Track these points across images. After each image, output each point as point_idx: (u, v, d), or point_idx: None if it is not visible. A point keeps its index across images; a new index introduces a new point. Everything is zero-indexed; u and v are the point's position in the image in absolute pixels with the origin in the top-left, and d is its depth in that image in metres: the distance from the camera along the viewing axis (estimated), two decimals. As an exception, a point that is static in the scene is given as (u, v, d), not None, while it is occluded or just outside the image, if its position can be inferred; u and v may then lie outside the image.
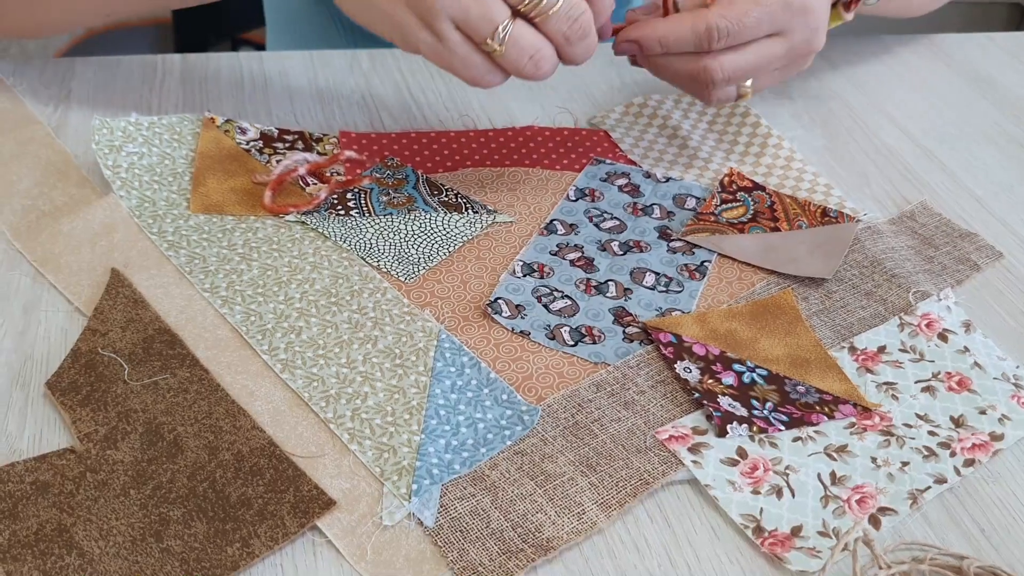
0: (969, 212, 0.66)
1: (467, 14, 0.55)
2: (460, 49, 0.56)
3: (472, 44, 0.56)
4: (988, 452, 0.49)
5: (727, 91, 0.63)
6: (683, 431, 0.49)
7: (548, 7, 0.55)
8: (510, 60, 0.56)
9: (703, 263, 0.60)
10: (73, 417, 0.47)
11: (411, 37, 0.57)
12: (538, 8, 0.55)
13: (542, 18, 0.56)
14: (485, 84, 0.58)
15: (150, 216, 0.59)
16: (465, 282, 0.57)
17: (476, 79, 0.58)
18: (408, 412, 0.49)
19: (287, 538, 0.43)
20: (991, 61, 0.84)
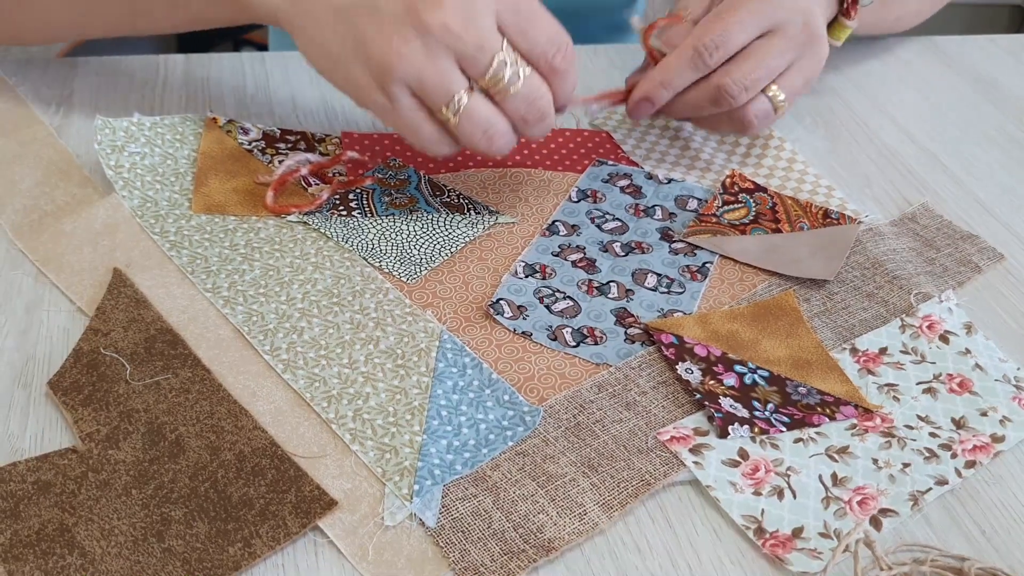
0: (970, 214, 0.66)
1: (423, 81, 0.53)
2: (411, 115, 0.55)
3: (425, 111, 0.55)
4: (989, 454, 0.49)
5: (760, 106, 0.62)
6: (685, 432, 0.49)
7: (508, 86, 0.54)
8: (463, 132, 0.55)
9: (705, 264, 0.60)
10: (75, 417, 0.47)
11: (364, 96, 0.55)
12: (498, 86, 0.54)
13: (501, 96, 0.54)
14: (433, 152, 0.56)
15: (152, 216, 0.59)
16: (467, 283, 0.57)
17: (424, 146, 0.56)
18: (410, 412, 0.49)
19: (289, 538, 0.43)
20: (993, 63, 0.84)
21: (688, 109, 0.64)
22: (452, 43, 0.52)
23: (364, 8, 0.54)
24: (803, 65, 0.64)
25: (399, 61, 0.52)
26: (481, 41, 0.52)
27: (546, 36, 0.55)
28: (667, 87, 0.63)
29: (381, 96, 0.54)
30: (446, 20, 0.52)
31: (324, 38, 0.55)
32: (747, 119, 0.63)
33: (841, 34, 0.69)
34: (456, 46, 0.52)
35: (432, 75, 0.53)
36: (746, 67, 0.61)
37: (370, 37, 0.53)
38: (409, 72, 0.53)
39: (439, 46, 0.52)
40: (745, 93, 0.61)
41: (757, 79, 0.62)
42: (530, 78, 0.54)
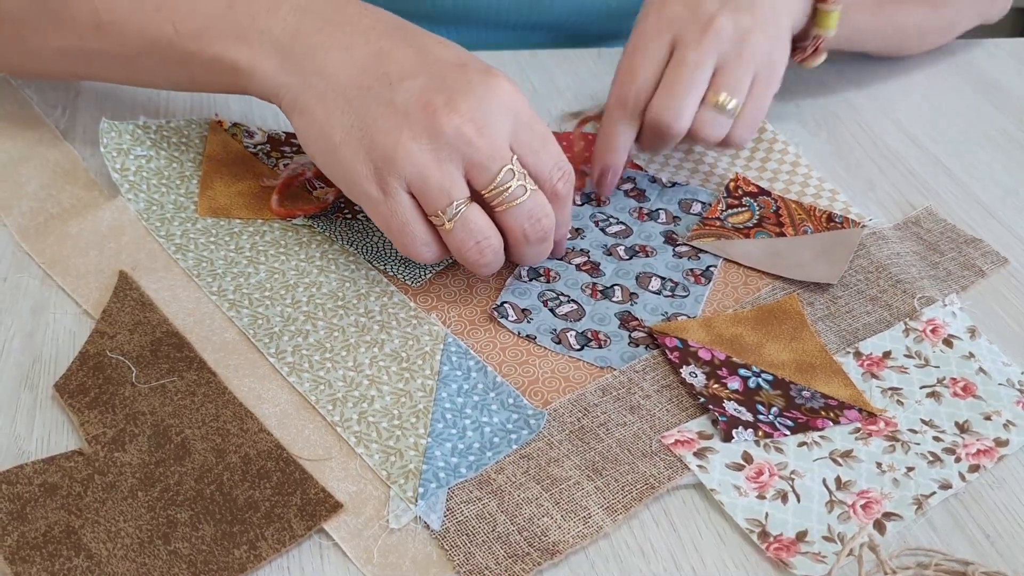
0: (974, 218, 0.66)
1: (426, 180, 0.51)
2: (404, 213, 0.52)
3: (418, 212, 0.52)
4: (993, 458, 0.49)
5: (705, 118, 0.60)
6: (689, 436, 0.49)
7: (513, 198, 0.52)
8: (456, 239, 0.52)
9: (709, 268, 0.60)
10: (81, 419, 0.47)
11: (357, 185, 0.52)
12: (503, 196, 0.52)
13: (504, 207, 0.52)
14: (415, 254, 0.53)
15: (158, 219, 0.59)
16: (471, 286, 0.58)
17: (409, 245, 0.53)
18: (415, 415, 0.49)
19: (294, 541, 0.43)
20: (998, 67, 0.84)
21: (651, 150, 0.64)
22: (463, 148, 0.50)
23: (379, 99, 0.52)
24: (737, 61, 0.61)
25: (405, 156, 0.50)
26: (493, 151, 0.51)
27: (554, 160, 0.53)
28: (614, 149, 0.62)
29: (375, 188, 0.52)
30: (461, 125, 0.50)
31: (329, 122, 0.53)
32: (700, 137, 0.61)
33: (828, 21, 0.66)
34: (466, 152, 0.51)
35: (436, 176, 0.51)
36: (665, 91, 0.60)
37: (379, 127, 0.51)
38: (412, 169, 0.51)
39: (449, 150, 0.50)
40: (680, 116, 0.60)
41: (681, 99, 0.60)
42: (536, 194, 0.53)
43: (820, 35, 0.67)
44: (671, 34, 0.61)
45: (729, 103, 0.60)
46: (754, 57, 0.61)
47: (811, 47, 0.68)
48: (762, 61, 0.62)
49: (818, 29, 0.67)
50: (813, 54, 0.69)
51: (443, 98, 0.51)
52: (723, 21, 0.60)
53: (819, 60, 0.69)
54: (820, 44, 0.68)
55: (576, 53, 0.82)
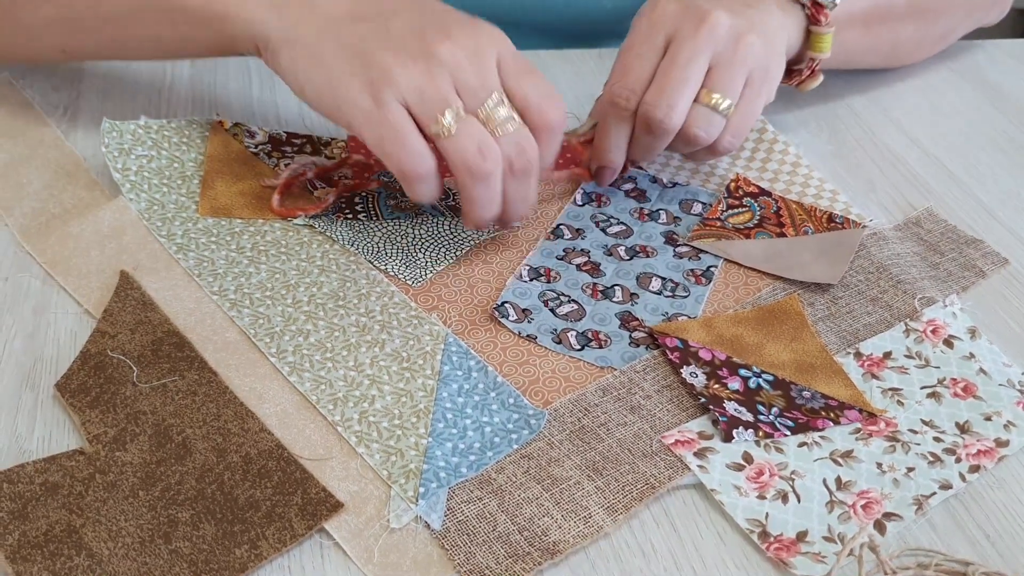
0: (975, 219, 0.66)
1: (423, 91, 0.52)
2: (399, 121, 0.52)
3: (413, 123, 0.52)
4: (993, 458, 0.49)
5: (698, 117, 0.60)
6: (689, 436, 0.49)
7: (502, 124, 0.53)
8: (459, 143, 0.52)
9: (709, 268, 0.60)
10: (82, 419, 0.47)
11: (349, 101, 0.53)
12: (493, 122, 0.53)
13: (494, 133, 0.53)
14: (410, 168, 0.52)
15: (159, 219, 0.60)
16: (472, 286, 0.58)
17: (404, 158, 0.52)
18: (415, 415, 0.49)
19: (295, 540, 0.43)
20: (998, 68, 0.84)
21: (643, 153, 0.63)
22: (457, 72, 0.52)
23: (373, 29, 0.53)
24: (731, 60, 0.60)
25: (401, 70, 0.52)
26: (484, 78, 0.53)
27: (542, 88, 0.55)
28: (610, 148, 0.63)
29: (369, 100, 0.52)
30: (455, 50, 0.52)
31: (321, 47, 0.54)
32: (690, 135, 0.60)
33: (821, 43, 0.66)
34: (459, 75, 0.52)
35: (432, 87, 0.52)
36: (658, 86, 0.60)
37: (374, 49, 0.53)
38: (409, 82, 0.52)
39: (443, 70, 0.52)
40: (672, 111, 0.59)
41: (674, 94, 0.59)
42: (523, 128, 0.54)
43: (815, 58, 0.67)
44: (665, 32, 0.61)
45: (722, 103, 0.60)
46: (748, 57, 0.61)
47: (807, 70, 0.68)
48: (756, 64, 0.61)
49: (812, 52, 0.67)
50: (810, 77, 0.69)
51: (436, 29, 0.53)
52: (719, 17, 0.60)
53: (815, 83, 0.69)
54: (816, 67, 0.68)
55: (577, 54, 0.82)
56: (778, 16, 0.64)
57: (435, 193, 0.55)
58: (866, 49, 0.75)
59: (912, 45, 0.79)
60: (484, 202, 0.54)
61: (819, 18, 0.66)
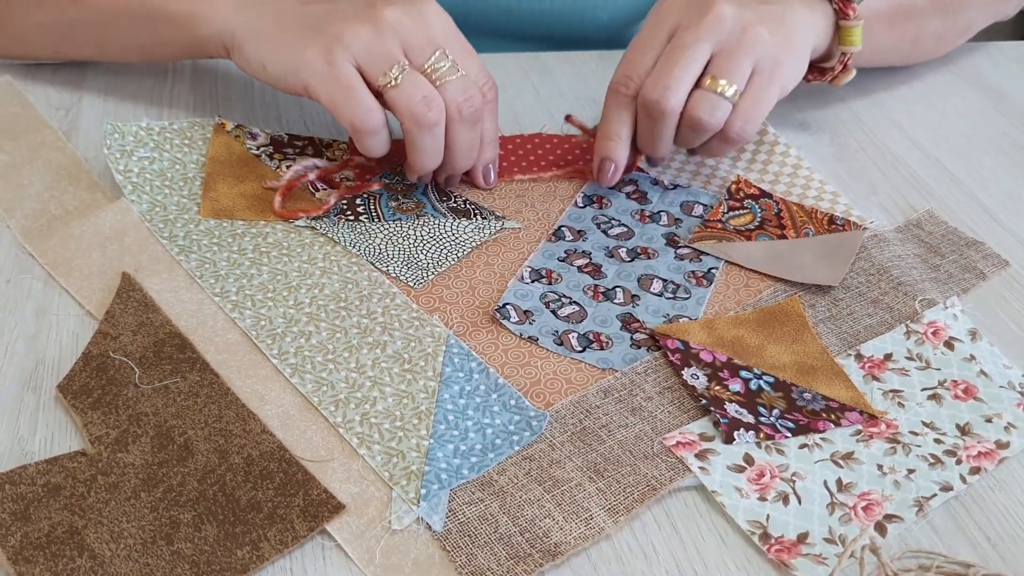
0: (975, 221, 0.66)
1: (371, 49, 0.57)
2: (349, 77, 0.57)
3: (363, 80, 0.57)
4: (994, 460, 0.49)
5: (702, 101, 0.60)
6: (690, 437, 0.49)
7: (445, 75, 0.58)
8: (404, 92, 0.57)
9: (710, 270, 0.60)
10: (84, 420, 0.47)
11: (304, 65, 0.58)
12: (437, 73, 0.58)
13: (440, 84, 0.58)
14: (360, 119, 0.57)
15: (161, 220, 0.60)
16: (474, 288, 0.58)
17: (354, 109, 0.57)
18: (417, 417, 0.49)
19: (296, 542, 0.43)
20: (999, 70, 0.84)
21: (649, 142, 0.63)
22: (402, 32, 0.57)
23: (325, 8, 0.59)
24: (736, 48, 0.60)
25: (351, 34, 0.57)
26: (427, 38, 0.58)
27: (477, 67, 0.60)
28: (612, 137, 0.63)
29: (322, 62, 0.57)
30: (400, 15, 0.58)
31: (280, 31, 0.60)
32: (693, 119, 0.60)
33: (852, 37, 0.66)
34: (404, 35, 0.58)
35: (380, 45, 0.57)
36: (657, 70, 0.60)
37: (327, 21, 0.58)
38: (358, 42, 0.57)
39: (390, 30, 0.57)
40: (669, 92, 0.59)
41: (672, 75, 0.60)
42: (466, 77, 0.59)
43: (847, 51, 0.67)
44: (670, 24, 0.62)
45: (728, 89, 0.60)
46: (755, 47, 0.61)
47: (839, 64, 0.68)
48: (764, 54, 0.61)
49: (843, 46, 0.67)
50: (843, 71, 0.69)
51: (382, 1, 0.59)
52: (723, 8, 0.61)
53: (849, 77, 0.69)
54: (848, 61, 0.68)
55: (578, 55, 0.83)
56: (801, 13, 0.64)
57: (384, 148, 0.59)
58: (890, 46, 0.75)
59: (934, 41, 0.79)
60: (429, 150, 0.59)
61: (847, 12, 0.66)
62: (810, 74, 0.69)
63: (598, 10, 0.85)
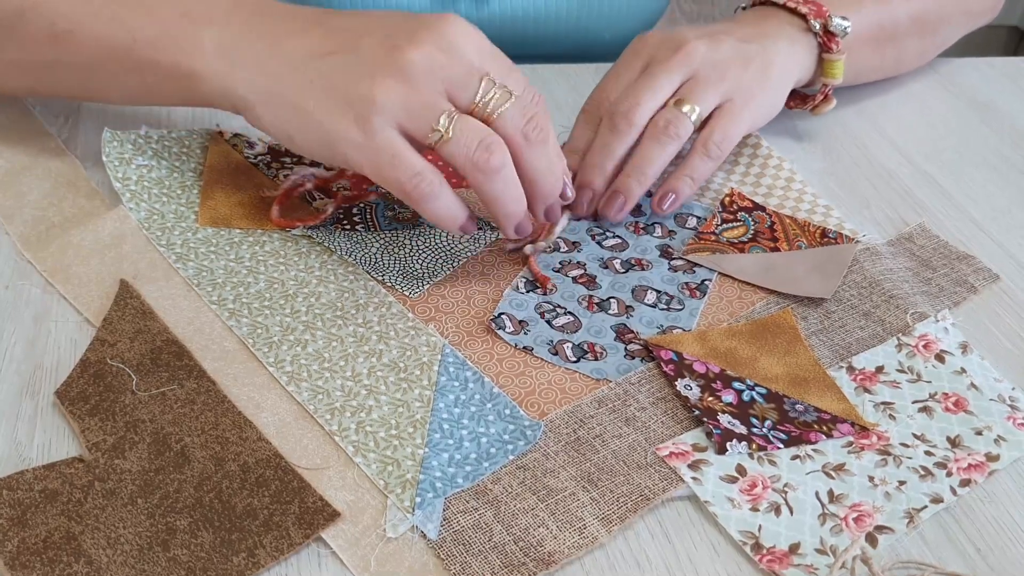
0: (967, 235, 0.67)
1: (410, 106, 0.51)
2: (392, 143, 0.51)
3: (407, 143, 0.52)
4: (984, 472, 0.50)
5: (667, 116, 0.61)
6: (683, 448, 0.50)
7: (500, 103, 0.52)
8: (459, 144, 0.51)
9: (704, 282, 0.60)
10: (82, 426, 0.48)
11: (340, 140, 0.52)
12: (490, 106, 0.52)
13: (496, 114, 0.52)
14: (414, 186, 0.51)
15: (159, 228, 0.60)
16: (469, 297, 0.58)
17: (407, 176, 0.51)
18: (412, 425, 0.49)
19: (292, 549, 0.44)
20: (990, 86, 0.85)
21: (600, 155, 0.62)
22: (438, 72, 0.51)
23: (343, 59, 0.52)
24: (705, 78, 0.63)
25: (384, 93, 0.51)
26: (468, 68, 0.52)
27: (523, 83, 0.54)
28: (575, 152, 0.64)
29: (358, 132, 0.51)
30: (431, 54, 0.51)
31: (298, 95, 0.53)
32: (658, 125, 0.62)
33: (834, 70, 0.69)
34: (442, 75, 0.51)
35: (418, 99, 0.51)
36: (627, 90, 0.63)
37: (351, 79, 0.51)
38: (394, 102, 0.50)
39: (426, 77, 0.51)
40: (638, 107, 0.61)
41: (642, 94, 0.62)
42: (520, 97, 0.53)
43: (828, 83, 0.70)
44: (644, 58, 0.64)
45: (692, 112, 0.62)
46: (723, 82, 0.63)
47: (820, 95, 0.72)
48: (736, 87, 0.64)
49: (825, 78, 0.70)
50: (824, 101, 0.72)
51: (405, 38, 0.52)
52: (696, 45, 0.64)
53: (829, 107, 0.73)
54: (828, 92, 0.72)
55: (576, 68, 0.83)
56: (783, 49, 0.67)
57: (453, 210, 0.53)
58: (874, 67, 0.77)
59: (915, 57, 0.82)
60: (507, 197, 0.53)
61: (831, 46, 0.69)
62: (792, 101, 0.72)
63: (603, 31, 0.86)
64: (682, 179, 0.64)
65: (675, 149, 0.63)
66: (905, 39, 0.77)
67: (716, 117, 0.64)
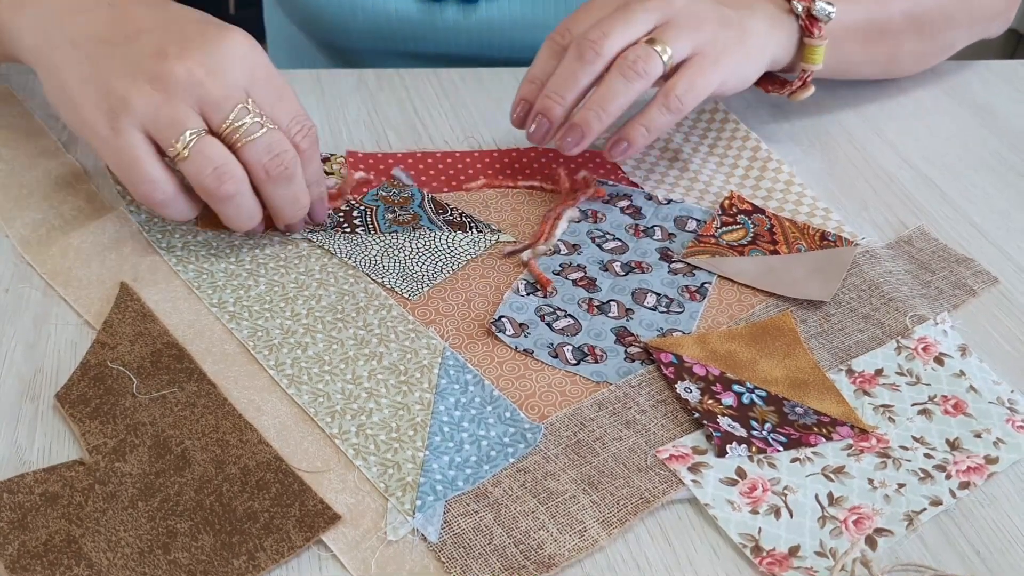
0: (966, 238, 0.67)
1: (157, 117, 0.52)
2: (134, 148, 0.52)
3: (152, 150, 0.53)
4: (983, 475, 0.50)
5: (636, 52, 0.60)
6: (683, 451, 0.50)
7: (249, 132, 0.53)
8: (192, 165, 0.52)
9: (703, 285, 0.61)
10: (82, 429, 0.48)
11: (92, 131, 0.53)
12: (238, 132, 0.53)
13: (242, 143, 0.53)
14: (147, 195, 0.53)
15: (159, 231, 0.60)
16: (469, 300, 0.58)
17: (138, 183, 0.53)
18: (412, 428, 0.50)
19: (292, 552, 0.44)
20: (989, 89, 0.85)
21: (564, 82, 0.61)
22: (195, 89, 0.52)
23: (116, 52, 0.54)
24: (680, 23, 0.61)
25: (137, 96, 0.52)
26: (225, 91, 0.52)
27: (291, 113, 0.55)
28: (535, 81, 0.63)
29: (108, 128, 0.52)
30: (192, 68, 0.52)
31: (69, 75, 0.54)
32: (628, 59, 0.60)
33: (814, 55, 0.68)
34: (198, 92, 0.52)
35: (167, 110, 0.52)
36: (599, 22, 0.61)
37: (114, 75, 0.53)
38: (145, 108, 0.52)
39: (181, 90, 0.52)
40: (607, 38, 0.60)
41: (613, 26, 0.60)
42: (274, 131, 0.53)
43: (807, 69, 0.69)
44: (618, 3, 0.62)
45: (663, 52, 0.60)
46: (699, 31, 0.62)
47: (799, 80, 0.70)
48: (709, 40, 0.62)
49: (804, 63, 0.69)
50: (801, 87, 0.71)
51: (176, 48, 0.53)
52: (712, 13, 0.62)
53: (807, 93, 0.71)
54: (807, 78, 0.70)
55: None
56: (762, 23, 0.66)
57: (187, 212, 0.55)
58: (864, 61, 0.76)
59: (913, 59, 0.80)
60: (236, 219, 0.55)
61: (812, 31, 0.67)
62: (770, 85, 0.72)
63: None
64: (637, 128, 0.62)
65: (641, 88, 0.60)
66: (900, 37, 0.76)
67: (684, 68, 0.62)
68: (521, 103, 0.64)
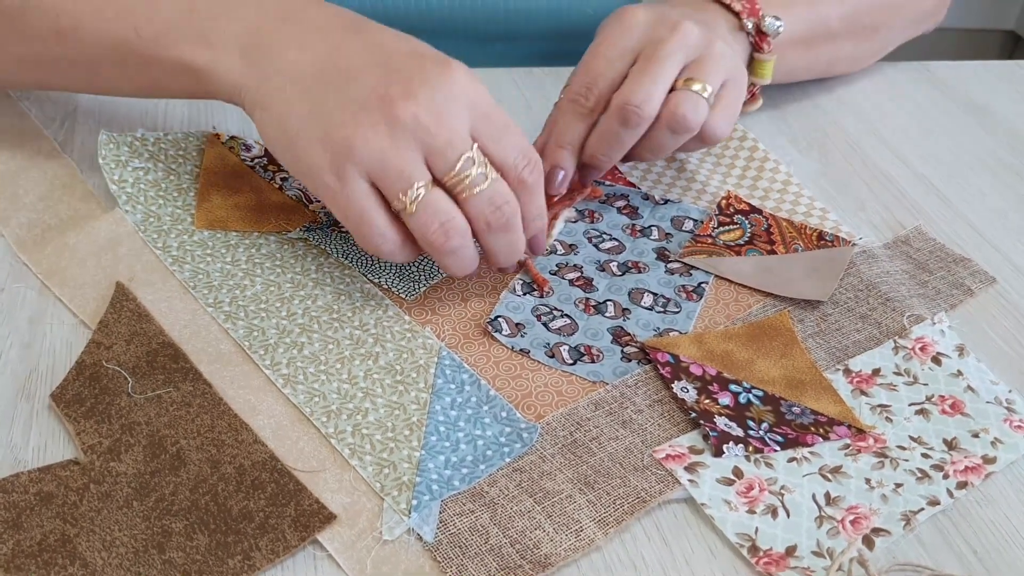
0: (963, 238, 0.67)
1: (384, 165, 0.50)
2: (361, 200, 0.51)
3: (378, 199, 0.52)
4: (981, 475, 0.50)
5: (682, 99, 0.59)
6: (680, 450, 0.50)
7: (473, 184, 0.52)
8: (419, 221, 0.51)
9: (700, 284, 0.60)
10: (77, 429, 0.48)
11: (316, 178, 0.52)
12: (463, 184, 0.51)
13: (465, 195, 0.52)
14: (374, 246, 0.53)
15: (155, 231, 0.60)
16: (465, 300, 0.58)
17: (367, 235, 0.52)
18: (408, 428, 0.49)
19: (288, 551, 0.43)
20: (986, 89, 0.85)
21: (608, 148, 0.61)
22: (421, 136, 0.50)
23: (336, 93, 0.52)
24: (707, 58, 0.61)
25: (362, 143, 0.50)
26: (451, 138, 0.51)
27: (518, 148, 0.53)
28: (565, 146, 0.61)
29: (333, 177, 0.51)
30: (418, 114, 0.50)
31: (287, 116, 0.53)
32: (677, 116, 0.59)
33: (763, 70, 0.69)
34: (425, 139, 0.51)
35: (395, 160, 0.50)
36: (635, 79, 0.60)
37: (336, 119, 0.51)
38: (371, 155, 0.50)
39: (407, 136, 0.50)
40: (649, 99, 0.59)
41: (650, 83, 0.59)
42: (497, 182, 0.52)
43: (756, 83, 0.70)
44: (635, 38, 0.61)
45: (705, 91, 0.60)
46: (723, 59, 0.62)
47: (748, 94, 0.70)
48: (731, 67, 0.62)
49: (754, 78, 0.70)
50: (751, 100, 0.72)
51: (399, 89, 0.51)
52: (690, 26, 0.61)
53: (756, 106, 0.73)
54: (756, 91, 0.72)
55: (570, 71, 0.83)
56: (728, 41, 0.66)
57: (410, 257, 0.54)
58: (804, 67, 0.77)
59: (849, 61, 0.82)
60: (457, 268, 0.54)
61: (762, 46, 0.68)
62: None
63: (585, 5, 0.86)
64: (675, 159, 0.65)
65: (688, 137, 0.61)
66: (839, 41, 0.77)
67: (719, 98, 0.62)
68: (557, 170, 0.62)
